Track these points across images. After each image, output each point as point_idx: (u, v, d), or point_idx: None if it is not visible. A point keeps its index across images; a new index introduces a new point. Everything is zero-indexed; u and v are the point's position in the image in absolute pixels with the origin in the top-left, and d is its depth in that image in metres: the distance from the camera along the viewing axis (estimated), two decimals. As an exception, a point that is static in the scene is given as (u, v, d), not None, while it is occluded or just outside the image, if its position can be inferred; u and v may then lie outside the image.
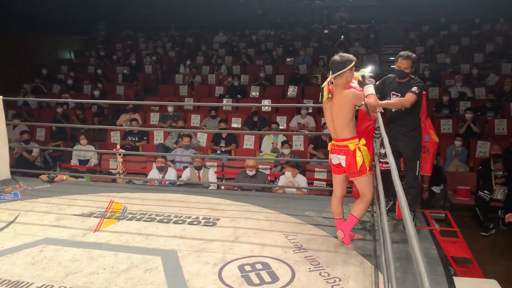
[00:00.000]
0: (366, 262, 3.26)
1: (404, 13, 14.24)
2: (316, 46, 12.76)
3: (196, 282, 2.97)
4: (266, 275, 3.06)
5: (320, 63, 11.25)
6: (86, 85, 11.34)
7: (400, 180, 1.85)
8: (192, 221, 4.11)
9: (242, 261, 3.27)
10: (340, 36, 13.45)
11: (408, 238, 1.31)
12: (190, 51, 13.59)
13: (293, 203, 4.64)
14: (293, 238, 3.70)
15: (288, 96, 10.10)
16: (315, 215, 4.25)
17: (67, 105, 9.99)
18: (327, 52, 12.23)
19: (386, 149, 2.47)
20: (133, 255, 3.36)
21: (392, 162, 2.11)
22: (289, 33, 14.04)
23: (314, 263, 3.25)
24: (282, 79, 10.90)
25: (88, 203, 4.55)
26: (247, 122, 8.71)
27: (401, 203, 1.56)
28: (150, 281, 2.97)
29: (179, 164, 7.25)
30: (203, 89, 10.99)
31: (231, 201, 4.70)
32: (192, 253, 3.41)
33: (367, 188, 3.37)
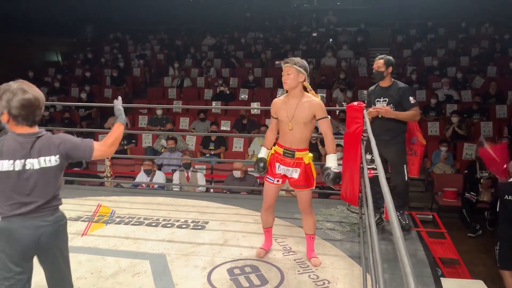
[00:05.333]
0: (355, 264, 3.27)
1: (391, 17, 14.40)
2: (305, 49, 12.82)
3: (185, 285, 2.96)
4: (255, 278, 3.05)
5: (309, 66, 11.27)
6: (73, 87, 11.24)
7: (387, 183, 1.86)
8: (180, 224, 4.09)
9: (231, 264, 3.26)
10: (328, 39, 13.56)
11: (394, 240, 1.32)
12: (179, 54, 13.56)
13: (282, 205, 4.62)
14: (282, 241, 3.71)
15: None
16: (304, 217, 4.25)
17: (54, 108, 9.89)
18: (316, 55, 12.32)
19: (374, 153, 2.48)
20: (121, 259, 3.33)
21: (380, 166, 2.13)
22: (277, 36, 14.09)
23: (303, 265, 3.25)
24: (271, 82, 10.93)
25: (75, 207, 4.50)
26: (236, 125, 8.71)
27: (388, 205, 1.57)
28: (139, 285, 2.95)
29: (167, 167, 7.21)
30: (192, 91, 10.96)
31: (220, 204, 4.69)
32: (181, 256, 3.40)
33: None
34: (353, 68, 11.45)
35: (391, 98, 3.73)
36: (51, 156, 2.07)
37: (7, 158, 2.00)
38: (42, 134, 2.09)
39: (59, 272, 2.20)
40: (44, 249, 2.09)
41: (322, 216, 4.30)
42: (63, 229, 2.18)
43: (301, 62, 3.04)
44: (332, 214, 4.35)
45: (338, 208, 4.52)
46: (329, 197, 5.49)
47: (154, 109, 9.24)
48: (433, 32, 13.35)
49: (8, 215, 2.02)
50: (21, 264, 2.04)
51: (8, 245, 2.02)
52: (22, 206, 2.03)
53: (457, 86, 9.95)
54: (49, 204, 2.10)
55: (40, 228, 2.05)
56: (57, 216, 2.13)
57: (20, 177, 2.02)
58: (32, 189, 2.04)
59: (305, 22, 15.19)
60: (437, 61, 11.05)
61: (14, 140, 2.02)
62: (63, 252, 2.20)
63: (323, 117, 3.03)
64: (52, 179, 2.10)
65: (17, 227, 2.02)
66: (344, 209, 4.47)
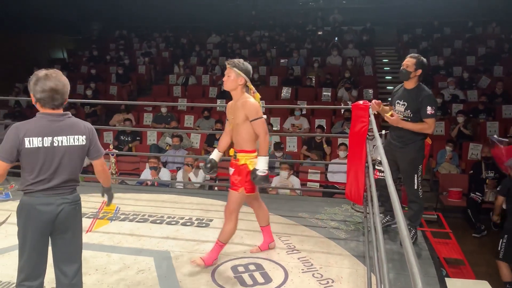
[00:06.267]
0: (359, 263, 3.27)
1: (397, 16, 14.34)
2: (310, 47, 12.80)
3: (189, 283, 2.96)
4: (259, 276, 3.06)
5: (315, 64, 11.28)
6: (79, 84, 11.28)
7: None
8: (185, 222, 4.09)
9: (235, 262, 3.27)
10: (334, 37, 13.53)
11: (401, 239, 1.31)
12: (184, 52, 13.57)
13: (286, 204, 4.64)
14: (286, 239, 3.70)
15: (281, 97, 10.11)
16: (308, 216, 4.25)
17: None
18: (321, 53, 12.29)
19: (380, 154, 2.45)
20: (125, 256, 3.34)
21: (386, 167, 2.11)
22: (282, 34, 14.07)
23: (307, 264, 3.25)
24: (276, 80, 10.92)
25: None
26: (240, 123, 8.70)
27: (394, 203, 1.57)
28: (143, 282, 2.96)
29: (171, 165, 7.22)
30: (197, 89, 10.97)
31: (224, 202, 4.63)
32: (185, 254, 3.40)
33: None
34: (358, 67, 11.42)
35: (410, 103, 3.46)
36: (79, 135, 2.26)
37: (36, 136, 2.15)
38: (70, 116, 2.28)
39: (72, 248, 2.32)
40: (61, 226, 2.23)
41: (326, 215, 4.29)
42: (79, 208, 2.35)
43: (242, 65, 2.99)
44: (336, 213, 4.35)
45: (342, 207, 4.51)
46: (333, 196, 5.48)
47: (159, 106, 9.26)
48: (439, 31, 13.29)
49: (32, 191, 2.18)
50: (40, 238, 2.19)
51: (28, 219, 2.18)
52: (46, 183, 2.19)
53: (463, 86, 9.90)
54: (70, 182, 2.27)
55: (60, 205, 2.21)
56: (75, 196, 2.31)
57: (47, 153, 2.17)
58: (57, 165, 2.20)
59: (311, 20, 15.17)
60: (443, 61, 11.01)
61: (42, 119, 2.21)
62: (77, 229, 2.35)
63: (255, 118, 2.94)
64: (76, 158, 2.27)
65: (38, 202, 2.17)
66: (349, 208, 4.46)
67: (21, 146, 2.14)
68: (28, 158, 2.16)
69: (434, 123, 3.42)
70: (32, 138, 2.14)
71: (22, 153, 2.15)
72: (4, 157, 2.16)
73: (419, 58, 3.46)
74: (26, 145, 2.14)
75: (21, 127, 2.17)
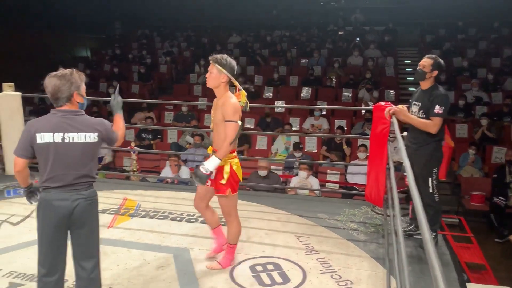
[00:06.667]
0: (378, 266, 3.24)
1: (420, 16, 14.13)
2: (331, 47, 12.73)
3: (208, 280, 2.99)
4: (278, 276, 3.06)
5: (335, 65, 11.21)
6: (102, 83, 11.47)
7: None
8: (204, 220, 4.12)
9: (254, 261, 3.28)
10: (355, 38, 13.42)
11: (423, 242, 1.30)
12: (205, 51, 13.65)
13: (305, 204, 4.64)
14: (305, 239, 3.70)
15: (301, 97, 10.08)
16: (327, 217, 4.24)
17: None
18: (342, 54, 12.21)
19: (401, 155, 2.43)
20: (146, 252, 3.39)
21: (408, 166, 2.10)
22: (303, 34, 14.03)
23: (325, 265, 3.24)
24: (296, 80, 10.89)
25: (102, 200, 4.51)
26: (260, 123, 8.73)
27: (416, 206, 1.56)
28: (163, 278, 3.00)
29: (191, 163, 7.28)
30: (217, 89, 11.01)
31: (243, 201, 4.68)
32: (204, 251, 3.43)
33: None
34: (380, 68, 11.30)
35: (423, 103, 3.43)
36: (90, 133, 2.29)
37: (47, 131, 2.20)
38: (83, 114, 2.33)
39: (89, 243, 2.36)
40: (77, 221, 2.27)
41: (345, 216, 4.27)
42: (95, 204, 2.37)
43: (224, 61, 2.82)
44: (355, 215, 4.32)
45: (362, 208, 4.48)
46: (352, 198, 5.45)
47: (179, 105, 9.34)
48: (464, 32, 13.04)
49: (49, 187, 2.24)
50: (57, 232, 2.25)
51: (45, 215, 2.24)
52: (60, 179, 2.23)
53: (487, 88, 9.69)
54: (84, 178, 2.30)
55: (75, 201, 2.25)
56: (90, 192, 2.33)
57: (58, 149, 2.22)
58: (69, 162, 2.24)
59: (332, 20, 15.07)
60: (467, 62, 10.79)
61: (54, 116, 2.27)
62: (94, 225, 2.37)
63: (229, 120, 2.80)
64: (89, 155, 2.31)
65: (54, 198, 2.23)
66: (369, 210, 4.43)
67: (33, 141, 2.20)
68: (41, 153, 2.23)
69: (439, 122, 3.35)
70: (43, 133, 2.19)
71: (35, 148, 2.22)
72: (20, 153, 2.25)
73: (436, 59, 3.44)
74: (37, 141, 2.19)
75: (34, 123, 2.24)
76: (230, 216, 3.07)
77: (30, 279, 2.94)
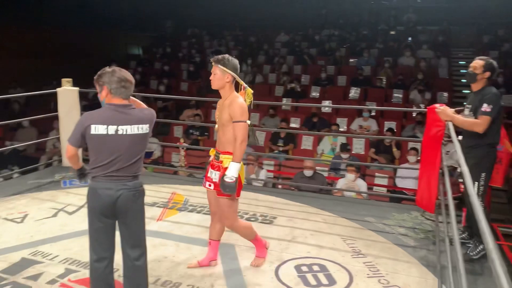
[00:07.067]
0: (429, 273, 3.13)
1: (477, 16, 13.48)
2: (381, 47, 12.43)
3: (253, 277, 3.00)
4: (323, 277, 3.03)
5: (386, 65, 10.93)
6: (152, 80, 11.80)
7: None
8: (249, 217, 4.15)
9: (299, 261, 3.26)
10: (407, 38, 13.03)
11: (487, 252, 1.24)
12: (252, 50, 13.73)
13: (352, 207, 4.56)
14: (351, 242, 3.64)
15: (349, 97, 9.92)
16: (375, 221, 4.14)
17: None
18: (393, 54, 11.89)
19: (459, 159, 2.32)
20: (193, 246, 3.46)
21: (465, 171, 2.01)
22: (353, 33, 13.79)
23: (373, 269, 3.17)
24: (344, 80, 10.73)
25: (151, 193, 4.73)
26: (306, 123, 8.66)
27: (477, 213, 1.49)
28: (209, 273, 3.05)
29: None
30: (263, 88, 11.06)
31: (288, 200, 4.69)
32: (249, 249, 3.44)
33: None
34: (432, 69, 10.90)
35: (474, 105, 3.30)
36: (143, 124, 2.37)
37: (101, 123, 2.29)
38: (134, 107, 2.41)
39: (134, 233, 2.44)
40: (121, 210, 2.35)
41: (394, 220, 4.16)
42: (140, 195, 2.43)
43: (227, 61, 2.81)
44: (404, 220, 4.19)
45: (411, 213, 4.34)
46: (401, 202, 5.29)
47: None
48: (525, 33, 12.33)
49: (96, 175, 2.33)
50: (102, 219, 2.35)
51: (92, 202, 2.35)
52: (107, 168, 2.32)
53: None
54: (131, 169, 2.37)
55: (119, 190, 2.32)
56: (135, 183, 2.39)
57: (111, 140, 2.30)
58: (120, 153, 2.31)
59: (383, 19, 14.72)
60: (528, 64, 10.20)
61: (109, 109, 2.35)
62: (139, 215, 2.44)
63: (238, 121, 2.75)
64: (139, 146, 2.39)
65: (100, 186, 2.32)
66: (418, 215, 4.28)
67: (87, 132, 2.29)
68: (93, 144, 2.31)
69: (486, 121, 3.17)
70: (98, 125, 2.28)
71: (87, 139, 2.31)
72: (72, 141, 2.35)
73: (487, 60, 3.31)
74: (91, 132, 2.28)
75: (89, 115, 2.33)
76: (227, 220, 2.95)
77: (84, 266, 3.07)
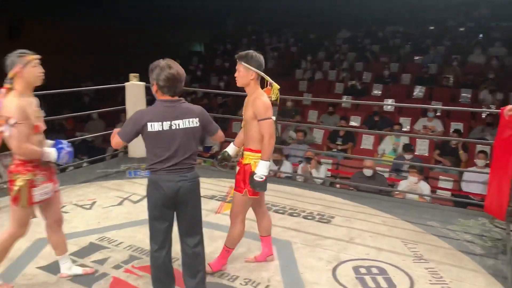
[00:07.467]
0: (497, 283, 2.95)
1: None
2: (449, 44, 11.83)
3: (310, 276, 2.98)
4: (383, 281, 2.94)
5: (453, 63, 10.40)
6: (213, 76, 12.04)
7: None
8: (306, 215, 4.12)
9: (357, 263, 3.19)
10: (477, 34, 12.30)
11: None
12: (312, 47, 13.60)
13: (413, 210, 4.39)
14: (413, 246, 3.50)
15: (413, 96, 9.54)
16: (439, 225, 3.96)
17: (196, 94, 10.73)
18: (462, 51, 11.28)
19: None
20: (250, 241, 3.47)
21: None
22: (419, 30, 13.24)
23: (436, 276, 3.03)
24: (409, 78, 10.34)
25: (210, 186, 4.84)
26: (367, 121, 8.45)
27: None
28: (265, 268, 3.06)
29: (293, 158, 7.32)
30: (323, 85, 10.92)
31: (346, 200, 4.61)
32: (306, 247, 3.43)
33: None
34: (506, 68, 10.20)
35: None
36: (193, 118, 2.44)
37: (157, 121, 2.37)
38: (184, 102, 2.48)
39: (193, 221, 2.54)
40: (182, 201, 2.45)
41: (459, 226, 3.95)
42: (197, 185, 2.53)
43: (250, 58, 2.80)
44: (471, 226, 3.97)
45: (479, 220, 4.10)
46: (466, 207, 5.01)
47: (284, 100, 9.43)
48: None
49: (156, 169, 2.42)
50: (164, 210, 2.46)
51: (153, 194, 2.45)
52: (166, 162, 2.40)
53: None
54: (187, 161, 2.45)
55: (179, 182, 2.41)
56: (193, 173, 2.49)
57: (166, 136, 2.38)
58: (176, 146, 2.39)
59: (451, 15, 13.99)
60: None
61: (161, 105, 2.42)
62: (196, 204, 2.55)
63: (263, 118, 2.72)
64: (191, 139, 2.45)
65: (161, 179, 2.41)
66: (486, 222, 4.04)
67: (144, 130, 2.38)
68: (150, 141, 2.40)
69: None
70: (154, 123, 2.36)
71: (145, 136, 2.40)
72: (123, 136, 2.44)
73: None
74: (148, 129, 2.37)
75: (144, 114, 2.41)
76: (236, 218, 2.92)
77: (146, 254, 3.20)
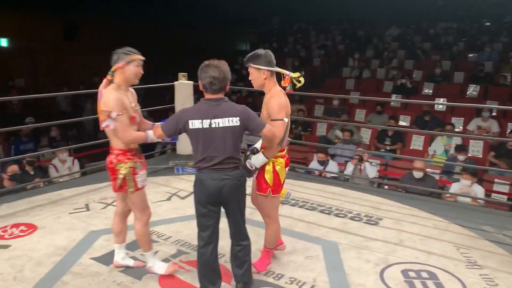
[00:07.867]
0: (560, 295, 2.76)
1: None
2: (507, 41, 11.21)
3: (356, 278, 2.92)
4: (433, 286, 2.84)
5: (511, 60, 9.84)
6: (258, 75, 12.06)
7: None
8: (353, 216, 4.05)
9: (406, 266, 3.09)
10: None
11: None
12: (360, 44, 13.32)
13: (466, 214, 4.20)
14: (465, 251, 3.35)
15: (467, 95, 9.13)
16: (494, 230, 3.76)
17: (240, 92, 10.82)
18: (520, 48, 10.66)
19: None
20: (295, 240, 3.47)
21: None
22: (473, 26, 12.64)
23: (491, 283, 2.89)
24: (462, 76, 9.90)
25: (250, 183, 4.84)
26: (416, 121, 8.17)
27: None
28: (311, 268, 3.04)
29: (339, 158, 7.20)
30: (371, 83, 10.67)
31: (394, 202, 4.48)
32: (352, 248, 3.37)
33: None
34: None
35: None
36: (233, 117, 2.42)
37: (197, 118, 2.41)
38: (227, 100, 2.49)
39: (237, 221, 2.58)
40: (226, 199, 2.50)
41: (517, 232, 3.74)
42: (242, 184, 2.55)
43: (257, 58, 2.74)
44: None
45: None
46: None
47: (330, 99, 9.31)
48: None
49: (202, 167, 2.47)
50: (209, 207, 2.50)
51: (198, 192, 2.51)
52: (209, 161, 2.44)
53: None
54: (230, 160, 2.46)
55: (222, 180, 2.45)
56: (236, 172, 2.51)
57: (206, 134, 2.41)
58: (217, 145, 2.42)
59: (509, 11, 13.24)
60: None
61: (203, 104, 2.47)
62: (241, 204, 2.58)
63: (275, 119, 2.65)
64: (232, 138, 2.44)
65: (206, 177, 2.46)
66: (548, 229, 3.80)
67: (186, 127, 2.42)
68: (193, 138, 2.45)
69: None
70: (194, 120, 2.40)
71: (188, 133, 2.45)
72: (166, 131, 2.50)
73: None
74: (190, 127, 2.42)
75: (186, 112, 2.47)
76: (269, 218, 2.92)
77: (194, 249, 3.26)
